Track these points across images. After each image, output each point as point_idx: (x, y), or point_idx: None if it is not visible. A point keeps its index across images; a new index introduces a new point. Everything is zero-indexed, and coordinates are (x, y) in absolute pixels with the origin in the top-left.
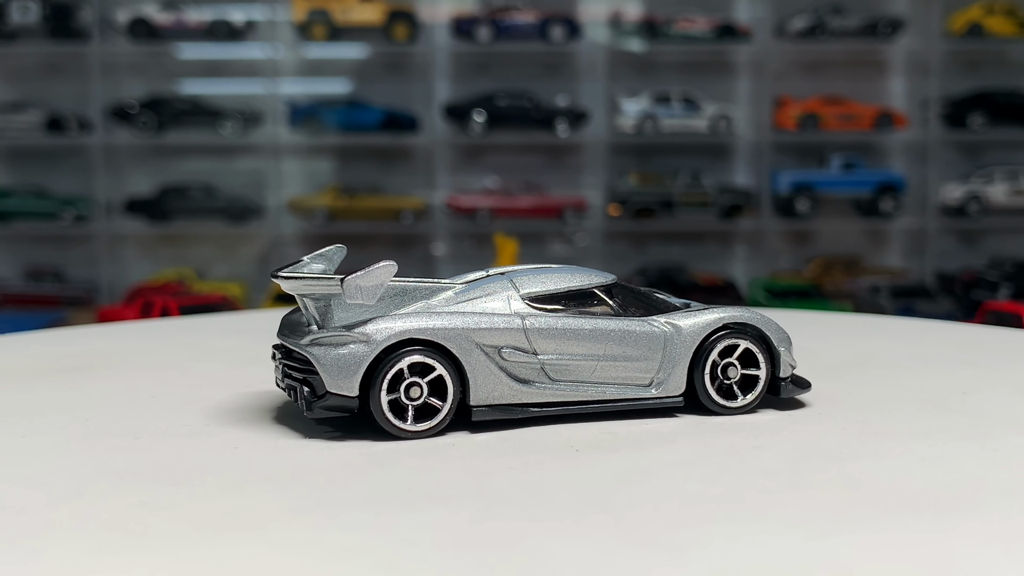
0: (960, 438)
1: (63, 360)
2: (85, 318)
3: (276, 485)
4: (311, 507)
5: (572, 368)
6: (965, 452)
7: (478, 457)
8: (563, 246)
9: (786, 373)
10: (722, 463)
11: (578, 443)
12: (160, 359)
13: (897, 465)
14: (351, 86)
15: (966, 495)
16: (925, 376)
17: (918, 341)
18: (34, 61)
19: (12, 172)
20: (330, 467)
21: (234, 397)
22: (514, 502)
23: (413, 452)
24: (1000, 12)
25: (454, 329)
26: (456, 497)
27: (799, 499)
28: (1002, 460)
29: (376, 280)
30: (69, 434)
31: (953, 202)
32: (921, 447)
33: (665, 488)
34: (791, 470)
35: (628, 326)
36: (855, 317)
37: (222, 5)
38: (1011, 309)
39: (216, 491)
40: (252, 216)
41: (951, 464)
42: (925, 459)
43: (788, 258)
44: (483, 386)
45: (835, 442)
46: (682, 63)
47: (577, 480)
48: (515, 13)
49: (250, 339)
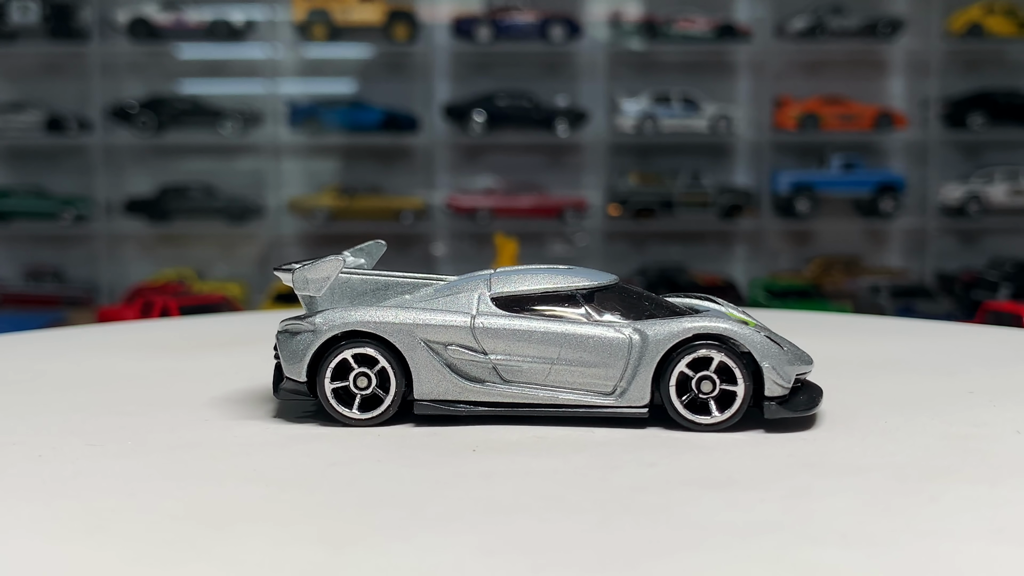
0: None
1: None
2: (85, 318)
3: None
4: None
5: (525, 370)
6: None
7: (361, 448)
8: (563, 246)
9: (774, 392)
10: (592, 476)
11: (496, 444)
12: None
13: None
14: (351, 86)
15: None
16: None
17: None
18: (34, 61)
19: (12, 172)
20: (216, 442)
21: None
22: (345, 495)
23: (294, 437)
24: (1000, 12)
25: (399, 323)
26: (295, 483)
27: (625, 526)
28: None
29: (323, 273)
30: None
31: (953, 202)
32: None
33: (503, 492)
34: (655, 491)
35: (588, 331)
36: (854, 317)
37: (222, 5)
38: (1011, 309)
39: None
40: (252, 216)
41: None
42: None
43: (788, 258)
44: (426, 381)
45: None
46: (682, 63)
47: (430, 479)
48: (515, 13)
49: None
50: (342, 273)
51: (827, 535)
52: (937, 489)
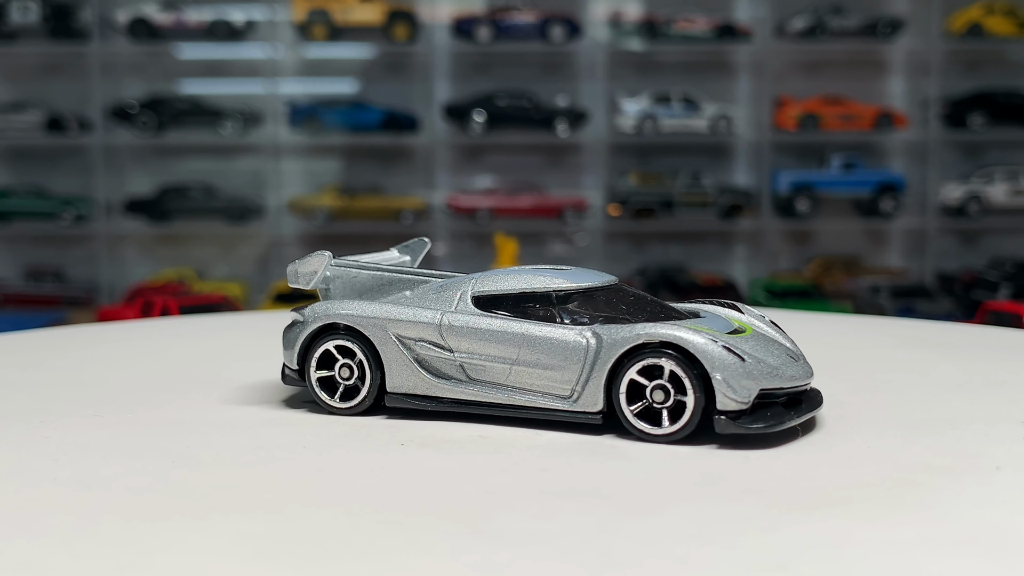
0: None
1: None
2: (85, 318)
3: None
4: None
5: (488, 369)
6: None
7: (304, 434)
8: (563, 246)
9: (727, 406)
10: (492, 480)
11: (431, 440)
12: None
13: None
14: (351, 86)
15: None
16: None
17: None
18: (34, 61)
19: (12, 172)
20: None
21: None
22: (248, 475)
23: (270, 420)
24: (1000, 12)
25: (374, 318)
26: (218, 463)
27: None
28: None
29: (310, 268)
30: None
31: (953, 202)
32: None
33: (389, 488)
34: (531, 498)
35: (546, 332)
36: (853, 317)
37: (222, 5)
38: (1011, 309)
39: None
40: (252, 216)
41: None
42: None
43: (788, 258)
44: (397, 375)
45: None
46: (682, 63)
47: (331, 467)
48: (515, 13)
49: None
50: (351, 269)
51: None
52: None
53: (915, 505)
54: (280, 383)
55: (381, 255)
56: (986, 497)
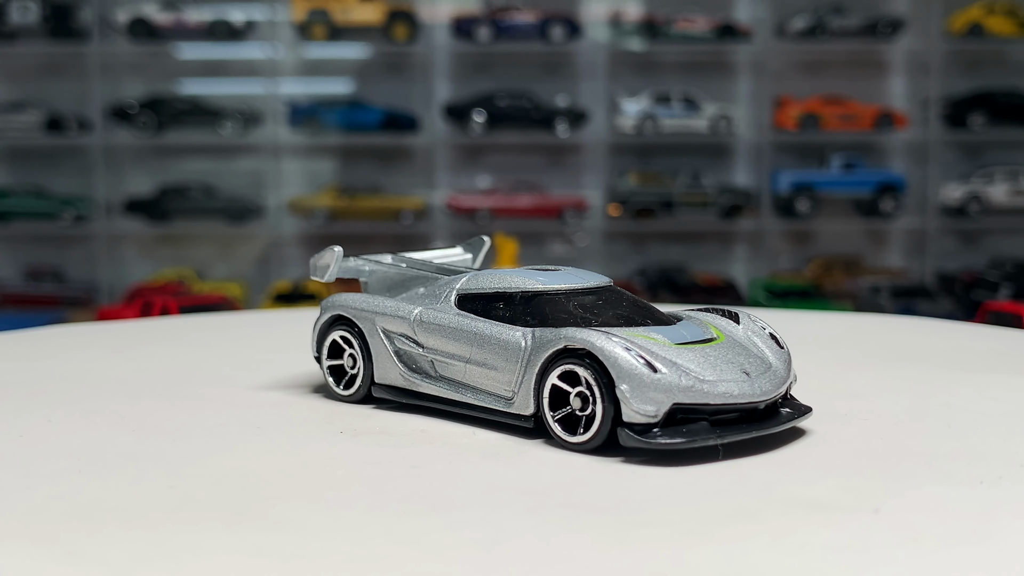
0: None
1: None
2: (85, 318)
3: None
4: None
5: (449, 366)
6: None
7: (275, 416)
8: (563, 246)
9: (632, 419)
10: (396, 471)
11: (371, 431)
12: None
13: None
14: (351, 86)
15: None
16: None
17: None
18: (34, 61)
19: (12, 172)
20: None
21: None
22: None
23: (256, 402)
24: (1000, 12)
25: (366, 311)
26: (174, 435)
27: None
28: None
29: (325, 261)
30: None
31: (953, 202)
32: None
33: (311, 481)
34: (428, 496)
35: (491, 332)
36: (854, 316)
37: (222, 5)
38: (1011, 309)
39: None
40: (252, 216)
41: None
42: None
43: (788, 258)
44: (381, 367)
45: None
46: (682, 63)
47: (263, 450)
48: (515, 13)
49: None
50: (380, 265)
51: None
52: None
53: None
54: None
55: (444, 251)
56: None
